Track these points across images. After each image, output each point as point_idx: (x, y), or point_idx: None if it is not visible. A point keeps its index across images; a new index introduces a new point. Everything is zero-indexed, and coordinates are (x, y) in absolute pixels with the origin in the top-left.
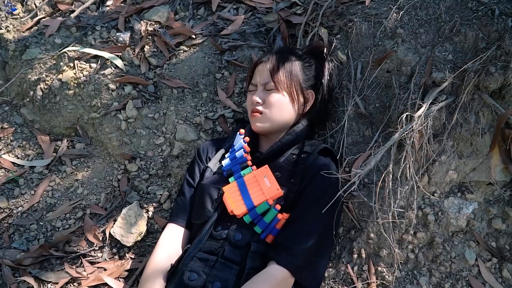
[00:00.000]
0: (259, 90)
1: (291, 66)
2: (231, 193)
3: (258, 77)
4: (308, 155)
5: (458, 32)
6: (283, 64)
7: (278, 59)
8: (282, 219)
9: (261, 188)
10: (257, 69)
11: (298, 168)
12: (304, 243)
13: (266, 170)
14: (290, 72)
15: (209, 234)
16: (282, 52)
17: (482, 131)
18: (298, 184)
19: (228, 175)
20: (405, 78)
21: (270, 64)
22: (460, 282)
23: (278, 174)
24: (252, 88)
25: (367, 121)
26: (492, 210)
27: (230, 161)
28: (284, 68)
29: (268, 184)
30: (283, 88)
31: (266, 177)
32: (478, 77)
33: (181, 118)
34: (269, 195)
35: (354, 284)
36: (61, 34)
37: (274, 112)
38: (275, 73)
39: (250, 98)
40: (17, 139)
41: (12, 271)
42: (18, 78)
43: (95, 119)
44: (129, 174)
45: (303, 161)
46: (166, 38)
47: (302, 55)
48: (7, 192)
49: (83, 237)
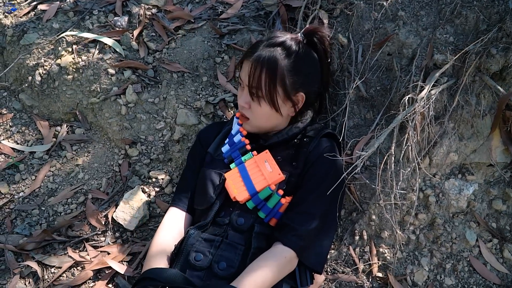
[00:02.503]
0: (245, 92)
1: (272, 71)
2: (233, 179)
3: (242, 75)
4: (311, 139)
5: (459, 14)
6: (262, 70)
7: (256, 64)
8: (285, 203)
9: (262, 173)
10: (242, 66)
11: (301, 151)
12: (308, 225)
13: (266, 155)
14: (270, 79)
15: (212, 221)
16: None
17: (483, 113)
18: (300, 167)
19: (229, 161)
20: (406, 60)
21: (249, 69)
22: (461, 263)
23: (280, 158)
24: (240, 82)
25: (369, 104)
26: (492, 191)
27: (229, 146)
28: (265, 76)
29: (269, 169)
30: (265, 100)
31: (267, 162)
32: (479, 59)
33: (181, 103)
34: (270, 180)
35: (356, 265)
36: (59, 19)
37: (259, 121)
38: (253, 86)
39: (239, 95)
40: (16, 124)
41: (15, 256)
42: (16, 63)
43: (94, 104)
44: (130, 159)
45: (306, 145)
46: (164, 22)
47: (291, 50)
48: (7, 178)
49: (85, 222)
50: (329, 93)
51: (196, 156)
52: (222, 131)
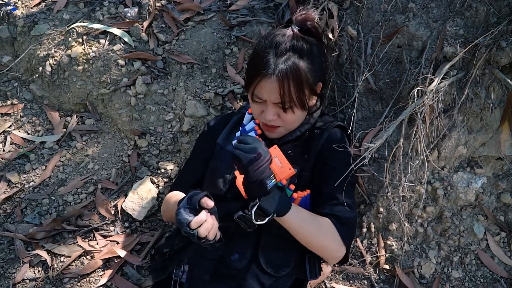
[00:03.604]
0: (270, 107)
1: (299, 79)
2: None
3: (264, 94)
4: (322, 130)
5: (469, 7)
6: (290, 83)
7: (283, 79)
8: (297, 197)
9: (273, 169)
10: (261, 84)
11: (312, 144)
12: (348, 214)
13: (276, 150)
14: (299, 88)
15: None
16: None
17: (492, 106)
18: (312, 161)
19: None
20: (416, 53)
21: (277, 86)
22: (468, 256)
23: (291, 152)
24: (259, 100)
25: (377, 97)
26: (501, 184)
27: None
28: (293, 87)
29: (280, 164)
30: (298, 106)
31: (276, 157)
32: (489, 52)
33: (190, 94)
34: (281, 176)
35: (363, 258)
36: (69, 10)
37: (290, 125)
38: (286, 99)
39: (258, 109)
40: (26, 115)
41: (25, 245)
42: (27, 54)
43: (104, 95)
44: (139, 149)
45: (317, 137)
46: (174, 14)
47: (303, 49)
48: (18, 167)
49: (95, 211)
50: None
51: (204, 148)
52: (230, 121)
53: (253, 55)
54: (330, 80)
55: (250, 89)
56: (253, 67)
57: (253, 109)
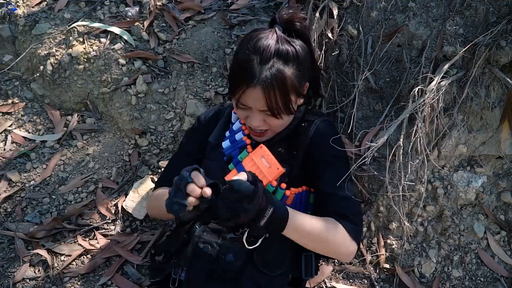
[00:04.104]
0: (256, 114)
1: (284, 87)
2: None
3: (249, 102)
4: (309, 123)
5: (469, 6)
6: (276, 92)
7: (268, 88)
8: (290, 195)
9: (261, 170)
10: (246, 93)
11: (300, 138)
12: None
13: (262, 149)
14: (285, 95)
15: None
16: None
17: (492, 105)
18: (301, 156)
19: (228, 159)
20: (416, 52)
21: (262, 95)
22: (469, 255)
23: (281, 149)
24: (243, 106)
25: (377, 96)
26: (501, 183)
27: (230, 143)
28: (279, 96)
29: (267, 164)
30: (284, 113)
31: (263, 157)
32: (488, 51)
33: (191, 93)
34: (270, 176)
35: (363, 257)
36: (70, 9)
37: (278, 129)
38: (273, 107)
39: (243, 115)
40: (27, 113)
41: (25, 244)
42: (28, 53)
43: (105, 94)
44: (140, 148)
45: (305, 131)
46: (175, 13)
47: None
48: (19, 166)
49: (95, 210)
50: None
51: (193, 143)
52: (222, 117)
53: (236, 61)
54: (330, 79)
55: (234, 97)
56: (237, 75)
57: (239, 114)
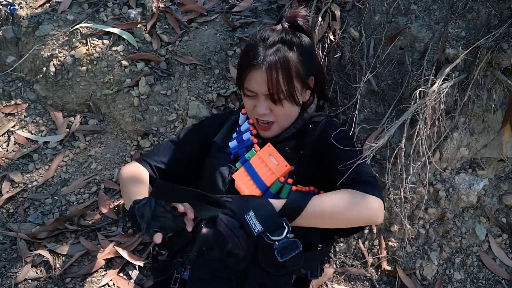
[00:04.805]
0: (262, 100)
1: (287, 70)
2: (241, 179)
3: (255, 86)
4: (316, 124)
5: (471, 9)
6: (279, 73)
7: (271, 69)
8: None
9: (269, 167)
10: (250, 76)
11: (308, 139)
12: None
13: (269, 148)
14: (288, 78)
15: None
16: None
17: (494, 107)
18: (308, 155)
19: (235, 158)
20: (418, 54)
21: (265, 76)
22: (470, 257)
23: (288, 149)
24: (250, 93)
25: (379, 98)
26: (503, 186)
27: (237, 143)
28: (282, 78)
29: (275, 161)
30: (287, 100)
31: (271, 155)
32: (490, 54)
33: (193, 95)
34: (278, 173)
35: (365, 259)
36: (73, 10)
37: (283, 120)
38: (274, 91)
39: (251, 105)
40: (30, 115)
41: (27, 244)
42: (31, 54)
43: (108, 96)
44: (142, 150)
45: (312, 131)
46: (177, 15)
47: (292, 42)
48: (21, 167)
49: (97, 211)
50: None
51: (192, 137)
52: (229, 121)
53: (243, 50)
54: (332, 82)
55: (241, 83)
56: (243, 60)
57: (246, 105)
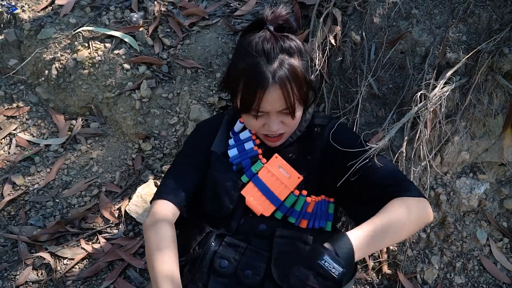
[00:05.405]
0: (274, 117)
1: (298, 79)
2: (253, 195)
3: (268, 106)
4: (323, 128)
5: (472, 14)
6: (292, 86)
7: (285, 84)
8: (311, 201)
9: (281, 181)
10: (264, 98)
11: (315, 143)
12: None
13: (277, 159)
14: (300, 87)
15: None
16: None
17: (495, 112)
18: (317, 161)
19: (239, 169)
20: (419, 59)
21: (280, 94)
22: (471, 262)
23: (292, 155)
24: (260, 114)
25: (381, 102)
26: (504, 190)
27: (237, 152)
28: (296, 89)
29: (287, 174)
30: (301, 108)
31: (281, 167)
32: (491, 58)
33: (194, 98)
34: (292, 186)
35: (365, 263)
36: (76, 14)
37: (293, 128)
38: (291, 103)
39: (259, 124)
40: (32, 117)
41: (28, 247)
42: (33, 57)
43: (109, 99)
44: (143, 153)
45: (319, 136)
46: (179, 19)
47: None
48: (23, 170)
49: (99, 214)
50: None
51: (198, 150)
52: (221, 126)
53: (243, 73)
54: (333, 86)
55: (251, 108)
56: (249, 85)
57: (253, 124)
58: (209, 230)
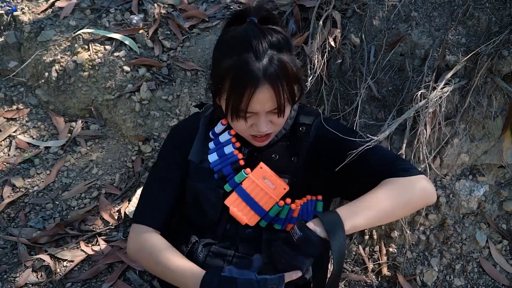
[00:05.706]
0: (263, 117)
1: (288, 75)
2: (237, 205)
3: (258, 106)
4: (308, 127)
5: (471, 16)
6: (283, 83)
7: (276, 82)
8: (296, 208)
9: (266, 192)
10: (254, 98)
11: (300, 144)
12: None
13: (262, 170)
14: (290, 83)
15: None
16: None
17: (494, 114)
18: (302, 161)
19: (220, 177)
20: (418, 61)
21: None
22: (470, 264)
23: (275, 156)
24: (249, 115)
25: (380, 104)
26: (503, 192)
27: (217, 157)
28: (286, 86)
29: (272, 185)
30: (290, 106)
31: (266, 178)
32: (491, 60)
33: (194, 100)
34: (278, 197)
35: (365, 265)
36: (76, 16)
37: (281, 126)
38: (281, 103)
39: (245, 125)
40: (32, 119)
41: (28, 249)
42: (33, 59)
43: (109, 101)
44: (143, 155)
45: (305, 135)
46: (179, 21)
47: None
48: (22, 172)
49: (98, 216)
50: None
51: (173, 164)
52: (199, 129)
53: (229, 69)
54: (333, 88)
55: (239, 108)
56: (236, 83)
57: (240, 126)
58: (195, 240)
